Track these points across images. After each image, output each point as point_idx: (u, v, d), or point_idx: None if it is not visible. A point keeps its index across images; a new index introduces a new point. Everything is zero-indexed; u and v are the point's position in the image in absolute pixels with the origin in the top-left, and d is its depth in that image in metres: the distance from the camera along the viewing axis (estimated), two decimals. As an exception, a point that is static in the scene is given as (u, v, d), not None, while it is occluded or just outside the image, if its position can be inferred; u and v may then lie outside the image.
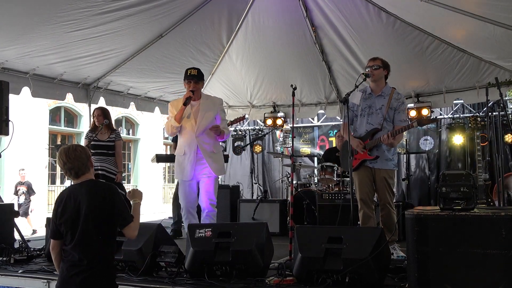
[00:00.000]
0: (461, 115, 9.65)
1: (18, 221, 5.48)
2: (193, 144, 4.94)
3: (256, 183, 11.10)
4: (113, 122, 6.90)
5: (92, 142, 6.38)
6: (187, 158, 4.96)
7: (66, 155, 2.91)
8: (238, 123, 8.83)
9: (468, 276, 3.14)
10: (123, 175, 7.33)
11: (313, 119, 11.03)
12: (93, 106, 8.10)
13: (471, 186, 3.34)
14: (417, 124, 4.94)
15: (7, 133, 5.68)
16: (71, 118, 16.23)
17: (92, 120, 6.76)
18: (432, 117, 8.02)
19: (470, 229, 3.18)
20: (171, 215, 7.78)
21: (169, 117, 5.18)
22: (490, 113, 7.72)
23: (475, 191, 3.38)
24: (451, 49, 7.09)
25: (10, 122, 5.67)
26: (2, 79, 6.01)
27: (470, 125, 6.35)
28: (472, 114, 8.44)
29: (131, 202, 3.17)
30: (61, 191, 3.08)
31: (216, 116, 5.06)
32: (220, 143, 5.13)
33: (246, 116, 10.17)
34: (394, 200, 5.29)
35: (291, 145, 5.88)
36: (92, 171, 3.02)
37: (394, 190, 5.09)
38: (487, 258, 3.10)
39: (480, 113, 9.04)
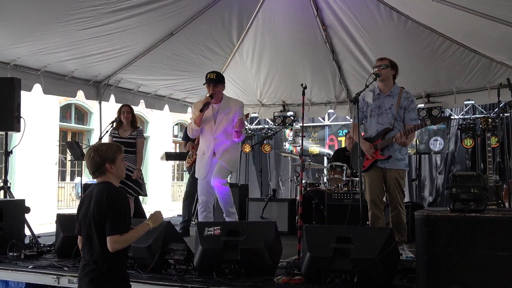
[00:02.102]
0: (472, 116, 9.56)
1: (29, 217, 5.51)
2: (211, 145, 5.14)
3: (264, 182, 11.07)
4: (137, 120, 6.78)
5: (114, 139, 6.33)
6: (205, 158, 5.16)
7: (85, 154, 3.02)
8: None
9: (478, 278, 3.13)
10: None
11: (322, 118, 10.99)
12: (104, 104, 8.15)
13: (482, 187, 3.33)
14: (430, 122, 4.93)
15: (18, 130, 5.73)
16: (82, 115, 16.31)
17: (116, 116, 6.54)
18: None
19: (480, 230, 3.16)
20: (180, 213, 7.79)
21: (191, 118, 5.36)
22: (501, 114, 7.64)
23: (486, 193, 3.36)
24: (462, 50, 7.04)
25: (21, 119, 5.73)
26: (14, 76, 6.08)
27: (481, 126, 6.29)
28: (483, 115, 8.36)
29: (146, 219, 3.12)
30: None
31: (234, 118, 5.18)
32: (238, 144, 5.25)
33: (253, 114, 10.17)
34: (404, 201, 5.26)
35: (300, 144, 5.88)
36: (114, 174, 2.98)
37: (405, 190, 5.07)
38: (497, 260, 3.08)
39: (491, 114, 8.97)
